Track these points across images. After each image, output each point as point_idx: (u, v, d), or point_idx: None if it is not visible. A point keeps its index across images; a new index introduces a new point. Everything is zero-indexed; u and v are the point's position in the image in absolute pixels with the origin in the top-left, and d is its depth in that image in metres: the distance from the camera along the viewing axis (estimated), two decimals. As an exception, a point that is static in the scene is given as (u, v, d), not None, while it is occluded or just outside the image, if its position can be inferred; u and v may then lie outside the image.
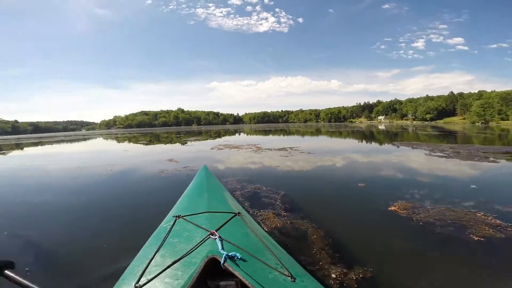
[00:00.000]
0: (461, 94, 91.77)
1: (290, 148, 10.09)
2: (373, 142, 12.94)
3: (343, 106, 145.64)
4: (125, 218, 3.13)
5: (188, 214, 1.67)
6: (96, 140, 23.08)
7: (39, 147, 17.61)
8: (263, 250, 1.31)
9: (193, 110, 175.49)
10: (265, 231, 1.83)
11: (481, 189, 3.83)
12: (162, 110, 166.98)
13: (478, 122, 66.98)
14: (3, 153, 13.30)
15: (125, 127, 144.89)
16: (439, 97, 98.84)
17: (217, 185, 2.40)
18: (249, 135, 22.82)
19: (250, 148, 10.28)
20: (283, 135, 21.91)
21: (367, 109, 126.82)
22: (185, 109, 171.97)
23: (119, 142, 18.71)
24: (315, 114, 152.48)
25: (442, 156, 7.02)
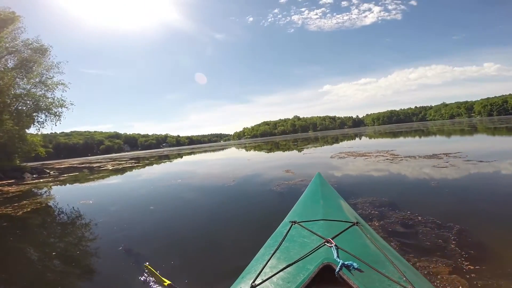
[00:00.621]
0: None
1: (445, 154, 6.98)
2: None
3: (510, 94, 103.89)
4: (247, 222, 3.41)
5: (303, 220, 1.66)
6: (229, 150, 26.99)
7: (191, 155, 22.58)
8: (383, 262, 1.19)
9: (309, 116, 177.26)
10: (387, 243, 1.71)
11: None
12: (280, 119, 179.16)
13: None
14: (170, 161, 17.77)
15: (252, 137, 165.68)
16: None
17: (332, 192, 2.33)
18: (375, 139, 19.56)
19: (382, 155, 7.80)
20: (424, 136, 17.29)
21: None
22: (301, 116, 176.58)
23: (246, 151, 20.80)
24: (466, 108, 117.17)
25: None
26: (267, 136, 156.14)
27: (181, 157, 21.34)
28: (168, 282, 1.84)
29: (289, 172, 6.63)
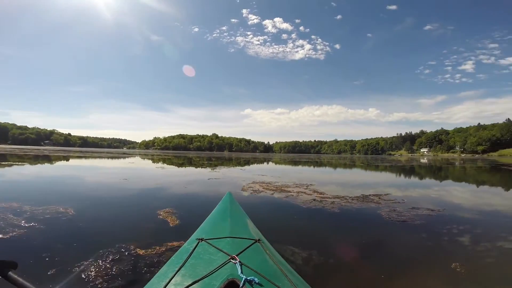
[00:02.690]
0: None
1: (376, 196, 6.42)
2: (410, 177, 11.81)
3: (381, 137, 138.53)
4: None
5: (211, 237, 1.73)
6: (132, 159, 24.65)
7: (81, 160, 19.14)
8: (280, 276, 1.34)
9: (227, 136, 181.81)
10: (284, 259, 1.86)
11: None
12: (198, 135, 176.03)
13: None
14: (51, 162, 14.88)
15: (162, 149, 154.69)
16: (493, 125, 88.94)
17: (240, 211, 2.46)
18: (284, 167, 22.29)
19: (304, 191, 6.75)
20: (328, 168, 21.10)
21: (409, 140, 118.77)
22: (219, 135, 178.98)
23: (153, 162, 19.70)
24: (351, 145, 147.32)
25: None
26: (180, 149, 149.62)
27: (67, 160, 18.16)
28: None
29: (164, 216, 3.96)
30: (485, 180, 12.06)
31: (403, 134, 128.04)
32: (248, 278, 1.18)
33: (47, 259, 2.42)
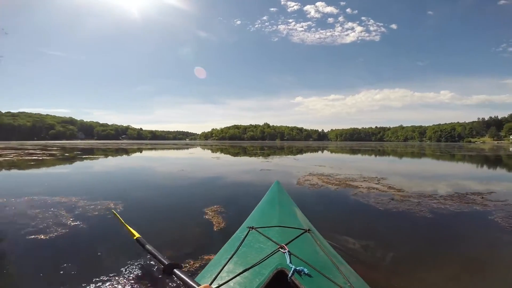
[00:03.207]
0: None
1: (477, 194, 4.87)
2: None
3: (458, 122, 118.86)
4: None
5: (260, 226, 1.72)
6: (192, 149, 26.10)
7: (153, 151, 21.23)
8: (331, 267, 1.30)
9: (278, 125, 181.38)
10: (335, 250, 1.80)
11: None
12: (250, 125, 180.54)
13: None
14: (128, 155, 16.70)
15: (219, 139, 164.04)
16: None
17: (288, 200, 2.42)
18: (344, 156, 20.43)
19: (375, 187, 5.57)
20: (398, 158, 18.78)
21: (494, 126, 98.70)
22: (271, 124, 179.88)
23: (210, 152, 20.46)
24: (419, 132, 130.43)
25: None
26: (235, 139, 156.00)
27: (141, 151, 20.21)
28: (137, 235, 1.85)
29: (210, 215, 3.37)
30: None
31: (486, 119, 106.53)
32: (297, 268, 1.16)
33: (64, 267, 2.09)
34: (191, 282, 1.22)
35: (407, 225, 3.30)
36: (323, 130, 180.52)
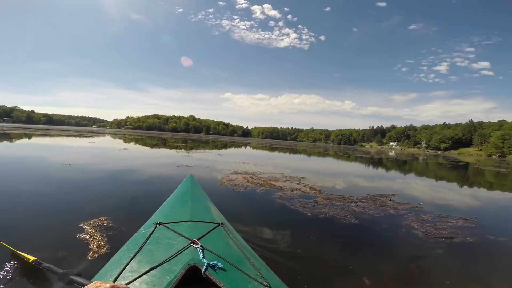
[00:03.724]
0: (480, 124, 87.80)
1: (384, 196, 5.26)
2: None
3: (354, 129, 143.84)
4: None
5: (170, 221, 1.60)
6: (96, 138, 21.85)
7: (37, 138, 16.46)
8: (244, 260, 1.30)
9: (205, 118, 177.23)
10: (247, 243, 1.72)
11: None
12: (174, 116, 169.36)
13: (495, 155, 64.09)
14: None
15: (135, 128, 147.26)
16: (456, 125, 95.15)
17: (202, 194, 2.33)
18: (266, 153, 21.03)
19: (297, 187, 5.50)
20: (309, 156, 20.12)
21: (380, 134, 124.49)
22: (197, 117, 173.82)
23: (120, 143, 17.43)
24: (325, 135, 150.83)
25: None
26: (154, 130, 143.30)
27: (29, 138, 15.36)
28: (32, 258, 1.51)
29: (89, 233, 3.93)
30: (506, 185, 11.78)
31: (374, 127, 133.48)
32: (211, 262, 1.12)
33: None
34: (87, 283, 1.00)
35: (334, 234, 3.12)
36: (247, 127, 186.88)
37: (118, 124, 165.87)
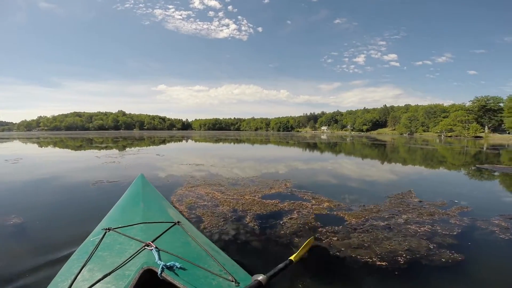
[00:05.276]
0: (392, 107, 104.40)
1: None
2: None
3: (291, 116, 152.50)
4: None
5: (120, 226, 1.52)
6: (5, 144, 16.01)
7: None
8: (205, 257, 1.27)
9: (137, 113, 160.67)
10: (208, 238, 1.69)
11: None
12: (99, 112, 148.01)
13: (405, 133, 76.92)
14: None
15: (51, 129, 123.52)
16: (374, 109, 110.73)
17: (155, 194, 2.25)
18: (212, 146, 18.85)
19: (308, 207, 3.32)
20: (273, 149, 18.66)
21: (313, 120, 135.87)
22: (127, 112, 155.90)
23: (41, 147, 12.76)
24: (266, 123, 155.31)
25: None
26: (76, 130, 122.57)
27: None
28: None
29: None
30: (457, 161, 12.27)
31: (308, 114, 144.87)
32: (168, 263, 1.08)
33: None
34: None
35: None
36: (187, 119, 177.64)
37: (27, 126, 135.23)
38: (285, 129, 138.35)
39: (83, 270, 1.14)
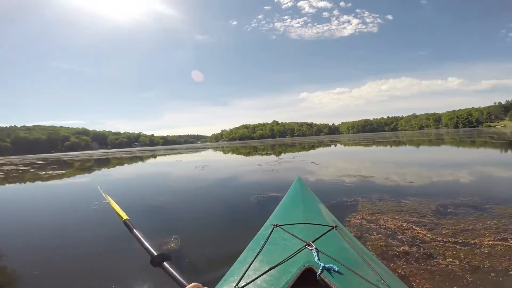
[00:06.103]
0: None
1: None
2: None
3: (473, 108, 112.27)
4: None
5: (284, 223, 1.64)
6: (204, 152, 23.67)
7: (167, 156, 19.25)
8: (362, 265, 1.22)
9: (287, 122, 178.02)
10: (364, 246, 1.61)
11: None
12: (259, 123, 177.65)
13: None
14: (143, 161, 13.72)
15: (230, 140, 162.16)
16: None
17: (312, 197, 2.30)
18: (368, 150, 16.95)
19: None
20: (437, 153, 14.95)
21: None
22: (279, 121, 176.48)
23: (225, 153, 17.29)
24: (434, 119, 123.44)
25: None
26: (245, 139, 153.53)
27: (155, 157, 17.26)
28: (125, 217, 1.58)
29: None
30: None
31: (502, 102, 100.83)
32: (326, 265, 1.10)
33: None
34: (180, 278, 1.04)
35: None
36: (333, 123, 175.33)
37: (216, 138, 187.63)
38: (466, 125, 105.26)
39: (255, 260, 1.26)
